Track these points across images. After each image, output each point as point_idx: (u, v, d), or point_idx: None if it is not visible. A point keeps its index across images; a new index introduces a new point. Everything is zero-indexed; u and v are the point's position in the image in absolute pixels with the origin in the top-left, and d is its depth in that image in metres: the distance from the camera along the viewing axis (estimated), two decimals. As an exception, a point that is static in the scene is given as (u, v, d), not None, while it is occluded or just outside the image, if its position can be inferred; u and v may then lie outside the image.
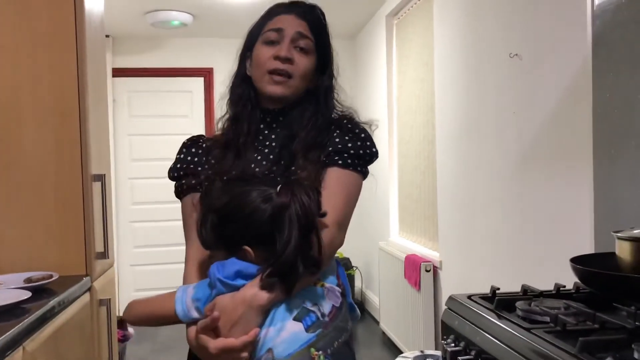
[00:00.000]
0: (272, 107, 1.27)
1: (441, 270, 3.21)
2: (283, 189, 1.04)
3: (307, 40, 1.26)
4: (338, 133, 1.22)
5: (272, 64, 1.23)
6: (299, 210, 1.01)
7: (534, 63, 2.18)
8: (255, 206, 1.03)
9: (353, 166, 1.20)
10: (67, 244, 1.90)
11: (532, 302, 1.30)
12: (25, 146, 1.89)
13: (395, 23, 4.20)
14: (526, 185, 2.24)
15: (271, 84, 1.23)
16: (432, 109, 3.33)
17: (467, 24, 2.79)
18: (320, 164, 1.19)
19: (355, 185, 1.21)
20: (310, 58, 1.26)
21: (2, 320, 1.38)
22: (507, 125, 2.39)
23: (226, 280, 1.03)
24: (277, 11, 1.29)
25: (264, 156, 1.24)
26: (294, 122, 1.25)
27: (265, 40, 1.25)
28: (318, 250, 1.03)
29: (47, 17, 1.90)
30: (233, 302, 1.02)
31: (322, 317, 1.05)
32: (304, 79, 1.26)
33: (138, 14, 4.37)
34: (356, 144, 1.21)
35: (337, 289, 1.12)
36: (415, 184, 3.75)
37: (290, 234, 1.00)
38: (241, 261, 1.05)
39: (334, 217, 1.12)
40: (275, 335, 1.01)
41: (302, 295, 1.06)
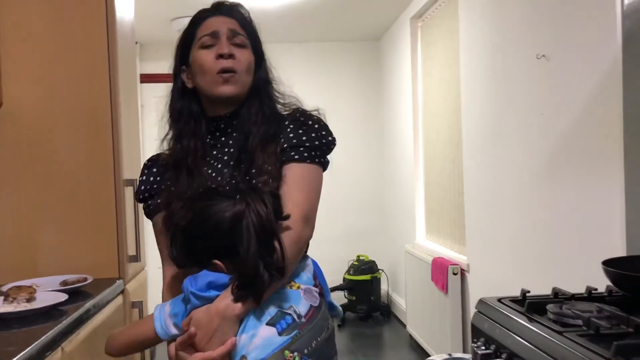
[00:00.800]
0: (224, 112, 1.26)
1: (469, 273, 3.19)
2: (239, 199, 1.05)
3: (241, 37, 1.26)
4: (292, 127, 1.22)
5: (217, 65, 1.22)
6: (254, 219, 1.02)
7: (562, 64, 2.16)
8: (217, 219, 1.04)
9: (310, 158, 1.19)
10: (100, 247, 1.94)
11: (564, 305, 1.29)
12: (60, 152, 1.94)
13: (419, 25, 4.19)
14: (555, 187, 2.22)
15: (222, 84, 1.22)
16: (458, 111, 3.31)
17: (493, 25, 2.78)
18: (278, 157, 1.18)
19: (316, 177, 1.21)
20: (248, 52, 1.27)
21: (41, 322, 1.42)
22: (535, 126, 2.37)
23: (199, 293, 1.04)
24: (203, 16, 1.29)
25: (224, 163, 1.24)
26: (244, 122, 1.24)
27: (201, 46, 1.25)
28: (281, 255, 1.03)
29: (80, 25, 1.95)
30: (208, 314, 1.02)
31: (298, 319, 1.05)
32: (249, 73, 1.26)
33: (165, 21, 4.44)
34: (310, 136, 1.21)
35: (315, 289, 1.12)
36: (442, 187, 3.73)
37: (249, 243, 1.01)
38: (213, 272, 1.06)
39: (298, 213, 1.12)
40: (248, 342, 1.02)
41: (276, 299, 1.06)
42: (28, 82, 1.92)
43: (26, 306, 1.51)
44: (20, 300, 1.52)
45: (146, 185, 1.29)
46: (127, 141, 2.09)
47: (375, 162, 5.24)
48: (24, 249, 1.91)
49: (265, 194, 1.07)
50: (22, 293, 1.55)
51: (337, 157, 1.31)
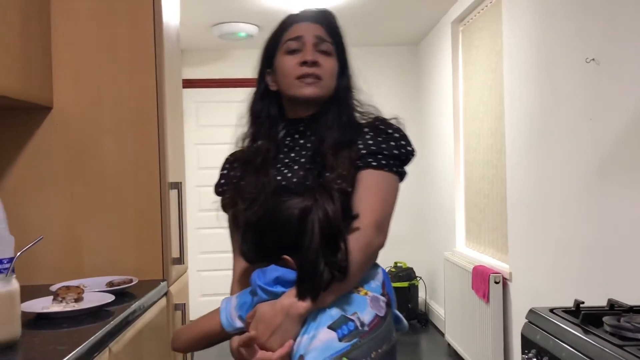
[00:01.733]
0: (305, 115, 1.28)
1: (511, 282, 3.12)
2: (307, 195, 1.05)
3: (327, 44, 1.27)
4: (371, 135, 1.21)
5: (300, 70, 1.23)
6: (320, 215, 1.01)
7: (613, 68, 2.09)
8: (287, 215, 1.05)
9: (388, 167, 1.18)
10: (145, 249, 1.97)
11: (622, 317, 1.24)
12: (107, 155, 1.97)
13: (461, 29, 4.13)
14: (605, 194, 2.15)
15: (303, 86, 1.23)
16: (501, 116, 3.25)
17: (539, 28, 2.71)
18: (353, 163, 1.17)
19: (392, 186, 1.19)
20: (333, 59, 1.27)
21: (89, 322, 1.44)
22: (583, 132, 2.30)
23: (266, 287, 1.04)
24: (291, 21, 1.30)
25: (300, 165, 1.24)
26: (323, 125, 1.25)
27: (286, 51, 1.26)
28: (345, 256, 1.02)
29: (128, 30, 1.98)
30: (272, 310, 1.03)
31: (360, 327, 1.03)
32: (332, 79, 1.27)
33: (206, 27, 4.49)
34: (390, 144, 1.20)
35: (382, 298, 1.10)
36: (483, 194, 3.66)
37: (312, 238, 1.01)
38: (281, 267, 1.06)
39: (371, 219, 1.11)
40: (308, 343, 1.01)
41: (342, 303, 1.04)
42: (78, 86, 1.96)
43: (74, 306, 1.53)
44: (69, 300, 1.55)
45: (225, 179, 1.32)
46: (172, 145, 2.11)
47: (414, 168, 5.13)
48: (71, 250, 1.95)
49: (334, 191, 1.07)
50: (70, 293, 1.57)
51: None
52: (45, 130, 1.95)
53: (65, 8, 1.96)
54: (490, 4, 3.50)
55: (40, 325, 1.43)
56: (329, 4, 3.96)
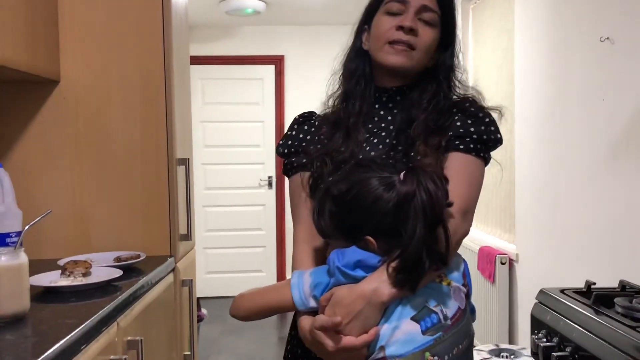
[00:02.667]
0: (390, 85, 1.20)
1: (517, 263, 3.11)
2: (408, 176, 0.95)
3: (433, 14, 1.16)
4: (460, 116, 1.13)
5: (393, 34, 1.14)
6: (425, 200, 0.92)
7: (629, 47, 2.05)
8: (378, 195, 0.95)
9: (475, 151, 1.11)
10: (152, 225, 1.96)
11: (634, 298, 1.23)
12: (115, 130, 1.95)
13: (471, 7, 4.07)
14: (617, 175, 2.12)
15: (392, 53, 1.14)
16: (512, 96, 3.21)
17: (552, 6, 2.66)
18: (441, 151, 1.10)
19: (478, 171, 1.12)
20: (434, 31, 1.17)
21: (97, 296, 1.44)
22: (595, 112, 2.27)
23: (346, 270, 0.96)
24: None
25: (380, 139, 1.17)
26: (412, 104, 1.16)
27: (387, 11, 1.17)
28: (446, 244, 0.95)
29: (135, 4, 1.95)
30: (351, 295, 0.95)
31: (444, 320, 0.96)
32: (427, 53, 1.17)
33: (213, 2, 4.44)
34: (479, 128, 1.12)
35: (463, 289, 1.02)
36: (491, 174, 3.62)
37: (416, 225, 0.92)
38: (363, 251, 0.98)
39: (458, 206, 1.04)
40: (390, 334, 0.94)
41: (425, 293, 0.97)
42: (85, 60, 1.94)
43: (82, 280, 1.53)
44: (76, 275, 1.55)
45: (293, 141, 1.24)
46: (180, 121, 2.09)
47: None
48: (78, 225, 1.94)
49: (437, 173, 0.97)
50: (78, 267, 1.57)
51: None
52: (53, 104, 1.94)
53: (72, -20, 1.93)
54: (502, -19, 3.44)
55: (49, 299, 1.43)
56: (338, -20, 3.90)
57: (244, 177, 5.23)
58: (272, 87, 5.27)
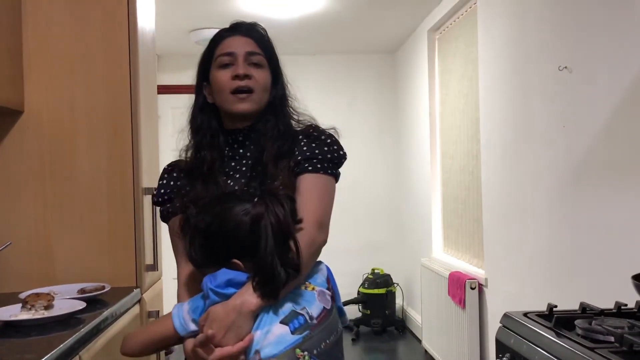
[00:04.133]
0: (242, 126, 1.32)
1: (487, 288, 3.14)
2: (258, 201, 1.10)
3: (259, 56, 1.32)
4: (305, 142, 1.28)
5: (233, 84, 1.28)
6: (272, 220, 1.07)
7: (585, 76, 2.13)
8: (237, 221, 1.10)
9: (323, 170, 1.26)
10: (118, 255, 1.94)
11: (593, 320, 1.26)
12: (80, 160, 1.94)
13: (437, 38, 4.18)
14: (578, 200, 2.18)
15: (237, 102, 1.28)
16: (477, 123, 3.28)
17: (513, 36, 2.75)
18: (292, 171, 1.24)
19: (328, 185, 1.27)
20: (265, 71, 1.32)
21: (59, 329, 1.41)
22: (557, 139, 2.34)
23: (218, 290, 1.08)
24: (222, 36, 1.34)
25: (241, 174, 1.30)
26: (261, 136, 1.31)
27: (219, 65, 1.31)
28: (296, 254, 1.08)
29: (102, 35, 1.96)
30: (225, 310, 1.06)
31: (310, 320, 1.09)
32: (265, 91, 1.32)
33: (183, 33, 4.47)
34: (323, 149, 1.27)
35: (328, 292, 1.16)
36: (460, 200, 3.69)
37: (267, 242, 1.06)
38: (232, 271, 1.10)
39: (312, 218, 1.18)
40: (262, 338, 1.06)
41: (290, 298, 1.10)
42: (50, 90, 1.93)
43: (44, 314, 1.50)
44: (38, 308, 1.52)
45: (165, 189, 1.35)
46: (146, 150, 2.08)
47: (391, 175, 5.21)
48: (42, 256, 1.91)
49: (282, 196, 1.12)
50: (40, 300, 1.54)
51: (352, 170, 1.32)
52: (16, 134, 1.92)
53: (37, 11, 1.93)
54: (465, 12, 3.55)
55: (8, 333, 1.39)
56: (308, 11, 3.97)
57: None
58: (243, 116, 5.29)
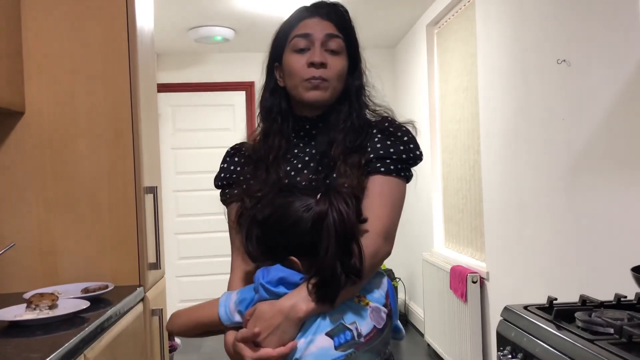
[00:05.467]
0: (311, 115, 1.25)
1: (488, 282, 3.15)
2: (321, 198, 1.03)
3: (338, 40, 1.22)
4: (379, 137, 1.19)
5: (307, 72, 1.20)
6: (336, 219, 0.99)
7: (584, 68, 2.13)
8: (298, 217, 1.03)
9: (396, 172, 1.17)
10: (121, 254, 1.95)
11: (593, 312, 1.27)
12: (81, 159, 1.95)
13: (436, 32, 4.18)
14: (579, 193, 2.18)
15: (309, 90, 1.20)
16: (477, 117, 3.29)
17: (512, 30, 2.76)
18: (362, 169, 1.16)
19: (400, 191, 1.19)
20: (342, 58, 1.23)
21: (63, 329, 1.42)
22: (556, 132, 2.34)
23: (268, 287, 1.03)
24: (300, 16, 1.25)
25: (304, 164, 1.22)
26: (330, 127, 1.22)
27: (294, 48, 1.22)
28: (359, 259, 1.01)
29: (101, 34, 1.97)
30: (271, 310, 1.01)
31: (357, 337, 1.01)
32: (341, 80, 1.23)
33: (182, 30, 4.47)
34: (399, 148, 1.18)
35: (384, 309, 1.07)
36: (461, 194, 3.70)
37: (329, 243, 0.99)
38: (286, 269, 1.04)
39: (379, 228, 1.10)
40: (304, 347, 1.00)
41: (343, 310, 1.03)
42: (51, 90, 1.94)
43: (48, 313, 1.51)
44: (42, 307, 1.53)
45: (226, 173, 1.29)
46: (147, 149, 2.09)
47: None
48: (45, 256, 1.92)
49: (348, 194, 1.04)
50: (44, 300, 1.55)
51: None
52: (18, 135, 1.93)
53: (36, 11, 1.94)
54: (464, 7, 3.55)
55: (13, 333, 1.40)
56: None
57: (217, 204, 5.19)
58: (243, 113, 5.29)
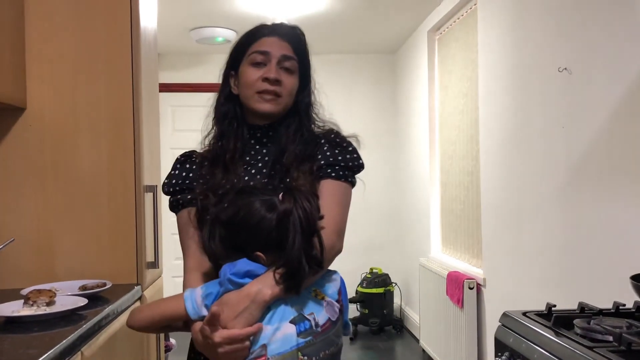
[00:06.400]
0: (261, 124, 1.33)
1: (485, 288, 3.15)
2: (285, 196, 1.11)
3: (292, 61, 1.32)
4: (328, 147, 1.30)
5: (261, 85, 1.28)
6: (301, 215, 1.09)
7: (585, 77, 2.14)
8: (262, 215, 1.10)
9: (344, 177, 1.28)
10: (119, 252, 1.94)
11: (592, 320, 1.27)
12: (81, 157, 1.94)
13: (437, 38, 4.19)
14: (577, 200, 2.19)
15: (261, 102, 1.29)
16: (476, 123, 3.30)
17: (514, 37, 2.77)
18: (314, 175, 1.26)
19: (348, 194, 1.29)
20: (294, 77, 1.33)
21: (61, 325, 1.42)
22: (556, 140, 2.35)
23: (235, 279, 1.09)
24: (261, 33, 1.34)
25: (257, 170, 1.31)
26: (282, 137, 1.32)
27: (251, 62, 1.30)
28: (320, 251, 1.11)
29: (104, 32, 1.97)
30: (238, 296, 1.07)
31: (315, 327, 1.10)
32: (291, 96, 1.33)
33: (183, 31, 4.47)
34: (345, 157, 1.29)
35: (337, 304, 1.17)
36: (459, 200, 3.70)
37: (295, 237, 1.08)
38: (253, 262, 1.11)
39: (333, 225, 1.19)
40: (271, 334, 1.07)
41: (302, 302, 1.12)
42: (53, 87, 1.94)
43: (46, 310, 1.50)
44: (40, 304, 1.52)
45: (177, 180, 1.34)
46: (148, 148, 2.09)
47: (390, 175, 5.22)
48: (43, 253, 1.92)
49: (309, 193, 1.15)
50: (42, 297, 1.55)
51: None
52: (18, 131, 1.92)
53: (40, 7, 1.94)
54: (465, 13, 3.56)
55: (10, 329, 1.40)
56: (308, 11, 3.98)
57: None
58: (243, 115, 5.30)
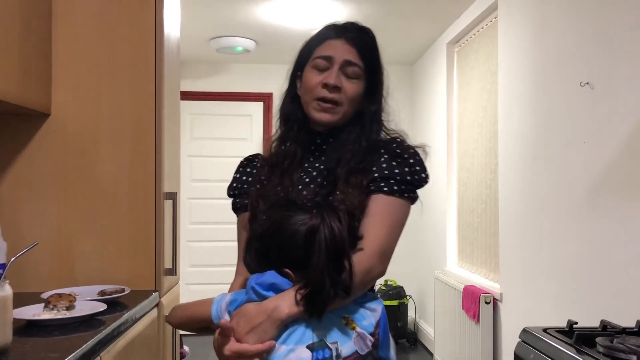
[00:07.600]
0: (321, 130, 1.28)
1: (501, 303, 3.12)
2: (314, 214, 1.06)
3: (356, 68, 1.25)
4: (386, 158, 1.20)
5: (320, 92, 1.23)
6: (327, 234, 1.02)
7: (607, 92, 2.12)
8: (294, 230, 1.06)
9: (400, 192, 1.18)
10: (138, 259, 1.95)
11: (615, 338, 1.25)
12: (103, 163, 1.96)
13: (456, 50, 4.18)
14: (597, 216, 2.16)
15: (319, 111, 1.23)
16: (495, 137, 3.28)
17: (535, 51, 2.75)
18: (364, 189, 1.17)
19: (401, 212, 1.19)
20: (358, 84, 1.26)
21: (81, 330, 1.42)
22: (577, 155, 2.33)
23: (258, 289, 1.05)
24: (327, 35, 1.28)
25: (311, 178, 1.25)
26: (340, 145, 1.24)
27: (314, 66, 1.26)
28: (349, 275, 1.02)
29: (129, 40, 1.99)
30: (255, 309, 1.03)
31: (335, 358, 1.02)
32: (352, 105, 1.25)
33: (204, 40, 4.52)
34: (404, 169, 1.19)
35: (369, 337, 1.06)
36: (477, 213, 3.68)
37: (319, 256, 1.01)
38: (280, 276, 1.07)
39: (375, 247, 1.11)
40: (284, 355, 1.01)
41: (327, 328, 1.04)
42: (77, 94, 1.96)
43: (66, 314, 1.51)
44: (60, 308, 1.53)
45: (238, 183, 1.33)
46: (169, 155, 2.11)
47: (406, 187, 5.19)
48: (63, 258, 1.93)
49: (341, 211, 1.07)
50: (62, 301, 1.56)
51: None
52: (42, 136, 1.95)
53: (66, 15, 1.97)
54: (486, 26, 3.55)
55: (31, 332, 1.41)
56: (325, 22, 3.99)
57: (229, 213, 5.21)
58: (261, 124, 5.33)
